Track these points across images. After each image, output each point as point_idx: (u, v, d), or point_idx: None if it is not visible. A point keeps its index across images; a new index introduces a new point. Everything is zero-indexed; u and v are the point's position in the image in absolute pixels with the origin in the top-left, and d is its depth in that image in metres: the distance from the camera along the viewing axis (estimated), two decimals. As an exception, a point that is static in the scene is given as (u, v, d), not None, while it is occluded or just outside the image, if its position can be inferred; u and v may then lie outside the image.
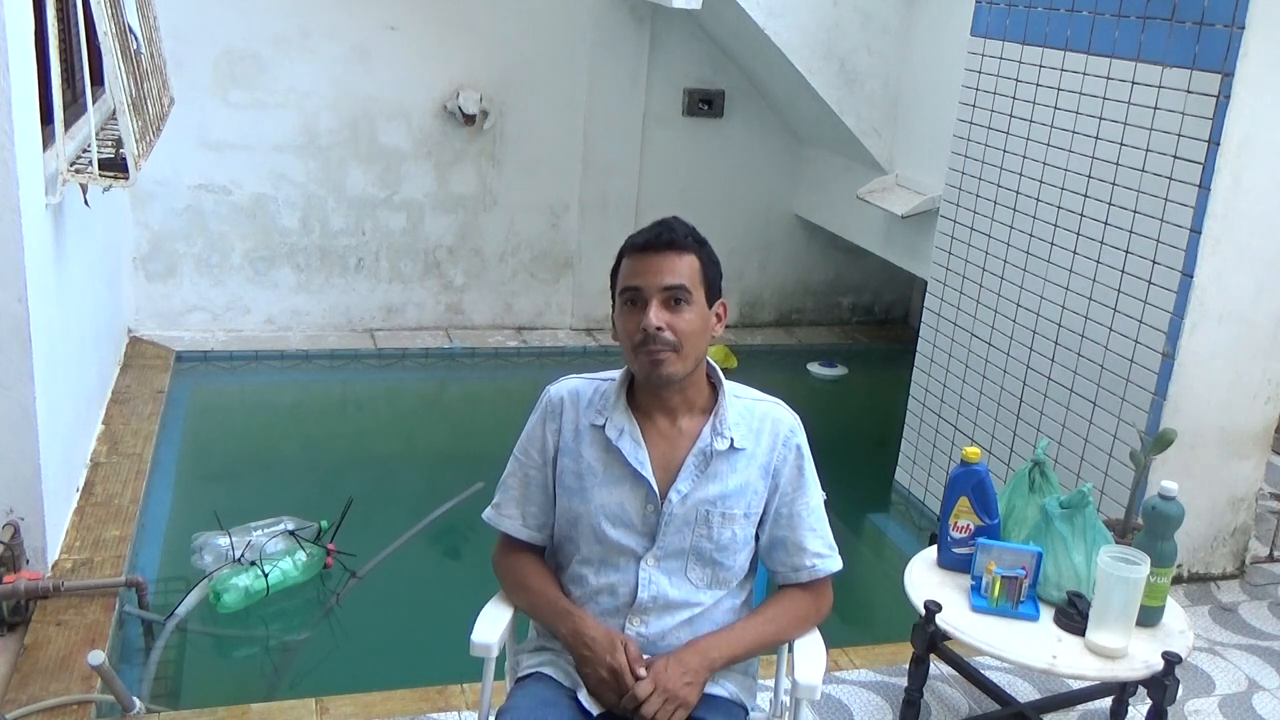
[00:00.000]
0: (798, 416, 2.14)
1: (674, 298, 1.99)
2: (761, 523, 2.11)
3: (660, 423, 2.08)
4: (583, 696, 2.00)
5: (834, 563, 2.12)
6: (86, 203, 3.66)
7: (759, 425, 2.09)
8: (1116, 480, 3.65)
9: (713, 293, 2.06)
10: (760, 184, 6.62)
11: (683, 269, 2.01)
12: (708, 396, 2.11)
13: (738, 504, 2.06)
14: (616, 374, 2.13)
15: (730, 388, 2.12)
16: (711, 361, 2.13)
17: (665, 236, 2.02)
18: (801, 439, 2.11)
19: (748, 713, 2.10)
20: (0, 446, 3.14)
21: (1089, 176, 3.75)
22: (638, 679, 1.93)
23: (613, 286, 2.09)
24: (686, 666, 1.96)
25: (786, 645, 2.17)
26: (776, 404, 2.14)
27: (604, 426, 2.07)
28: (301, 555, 3.81)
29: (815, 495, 2.12)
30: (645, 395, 2.08)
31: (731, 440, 2.05)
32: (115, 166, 3.51)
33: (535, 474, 2.13)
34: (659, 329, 1.97)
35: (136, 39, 3.81)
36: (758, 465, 2.07)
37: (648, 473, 2.04)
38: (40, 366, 3.16)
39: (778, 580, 2.15)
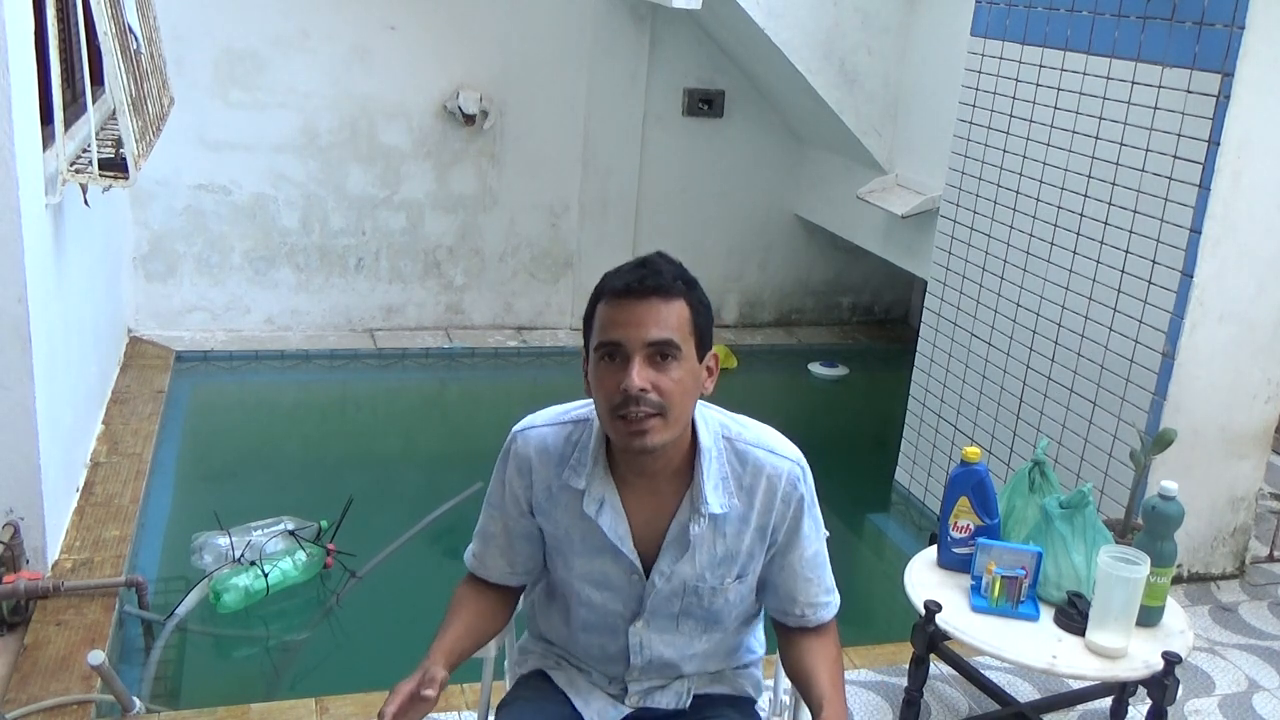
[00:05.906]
0: (800, 455, 1.87)
1: (660, 353, 1.69)
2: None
3: (638, 487, 1.83)
4: (573, 695, 1.98)
5: (828, 611, 1.93)
6: (86, 203, 3.65)
7: (751, 482, 1.82)
8: (1116, 480, 3.65)
9: (704, 344, 1.75)
10: (760, 184, 6.61)
11: (671, 319, 1.69)
12: (688, 453, 1.82)
13: (729, 572, 1.86)
14: (589, 413, 1.85)
15: (714, 433, 1.83)
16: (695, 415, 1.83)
17: (650, 281, 1.69)
18: (805, 487, 1.85)
19: (754, 703, 2.07)
20: (0, 446, 3.14)
21: (1089, 176, 3.75)
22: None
23: (586, 334, 1.77)
24: None
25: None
26: (771, 451, 1.84)
27: (582, 494, 1.82)
28: (301, 555, 3.82)
29: (813, 544, 1.89)
30: (623, 458, 1.81)
31: (710, 515, 1.81)
32: (115, 166, 3.51)
33: (516, 525, 1.92)
34: (643, 390, 1.67)
35: (136, 39, 3.81)
36: (752, 528, 1.84)
37: (629, 550, 1.83)
38: (40, 366, 3.16)
39: (769, 614, 2.01)
